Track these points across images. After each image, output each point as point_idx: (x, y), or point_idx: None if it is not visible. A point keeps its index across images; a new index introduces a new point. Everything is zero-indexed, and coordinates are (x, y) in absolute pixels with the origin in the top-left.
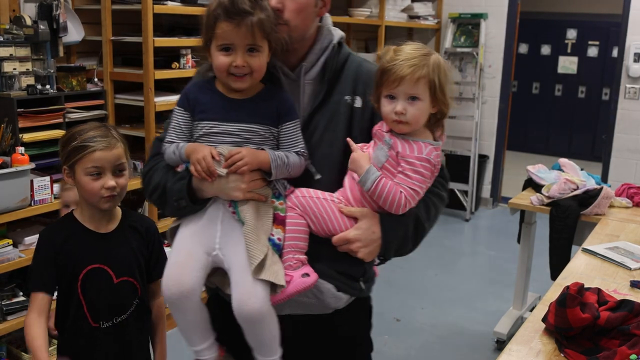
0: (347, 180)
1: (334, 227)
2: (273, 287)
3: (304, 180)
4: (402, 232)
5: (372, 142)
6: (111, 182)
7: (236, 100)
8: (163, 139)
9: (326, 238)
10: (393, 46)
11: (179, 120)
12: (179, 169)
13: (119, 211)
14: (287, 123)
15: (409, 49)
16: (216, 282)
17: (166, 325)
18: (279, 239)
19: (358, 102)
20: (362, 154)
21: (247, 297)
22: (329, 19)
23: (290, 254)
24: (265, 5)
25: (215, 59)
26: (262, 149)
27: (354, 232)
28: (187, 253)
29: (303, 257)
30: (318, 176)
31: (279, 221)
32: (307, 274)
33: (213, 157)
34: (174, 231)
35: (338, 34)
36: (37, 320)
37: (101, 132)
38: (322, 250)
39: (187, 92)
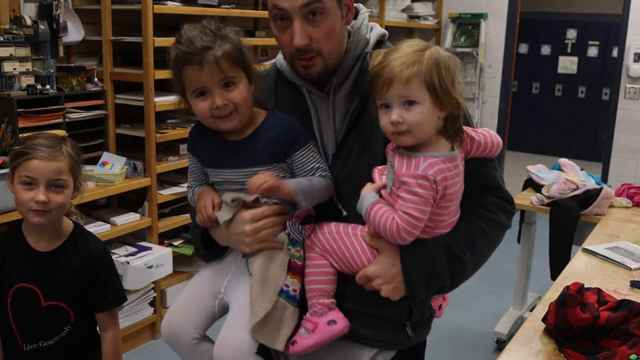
0: None
1: (357, 265)
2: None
3: (331, 217)
4: (428, 265)
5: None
6: (41, 197)
7: (234, 142)
8: None
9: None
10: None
11: (191, 165)
12: None
13: (68, 228)
14: (297, 152)
15: (402, 47)
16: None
17: None
18: (294, 289)
19: None
20: (368, 185)
21: (224, 345)
22: (362, 17)
23: (314, 299)
24: (225, 33)
25: (194, 107)
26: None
27: (372, 267)
28: (190, 297)
29: (329, 301)
30: (344, 213)
31: (296, 270)
32: (333, 321)
33: (215, 205)
34: None
35: (376, 34)
36: None
37: (50, 142)
38: (350, 291)
39: (191, 135)
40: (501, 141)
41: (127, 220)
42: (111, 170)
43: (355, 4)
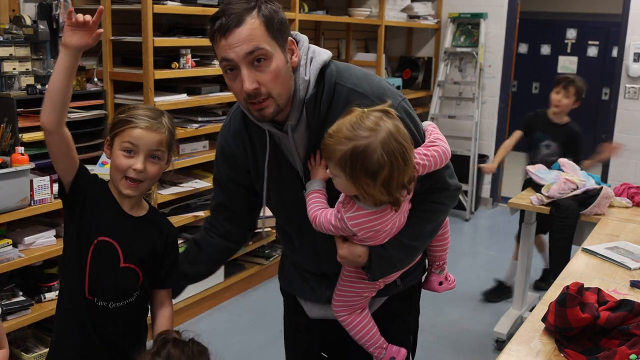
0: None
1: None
2: None
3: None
4: (389, 264)
5: None
6: (139, 165)
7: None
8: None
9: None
10: None
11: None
12: None
13: (145, 204)
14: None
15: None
16: None
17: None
18: None
19: None
20: (322, 171)
21: None
22: (302, 51)
23: (370, 348)
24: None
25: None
26: None
27: (342, 251)
28: None
29: (380, 342)
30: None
31: None
32: (393, 358)
33: None
34: None
35: (315, 69)
36: None
37: (152, 113)
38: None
39: None
40: (449, 149)
41: None
42: None
43: (296, 35)
